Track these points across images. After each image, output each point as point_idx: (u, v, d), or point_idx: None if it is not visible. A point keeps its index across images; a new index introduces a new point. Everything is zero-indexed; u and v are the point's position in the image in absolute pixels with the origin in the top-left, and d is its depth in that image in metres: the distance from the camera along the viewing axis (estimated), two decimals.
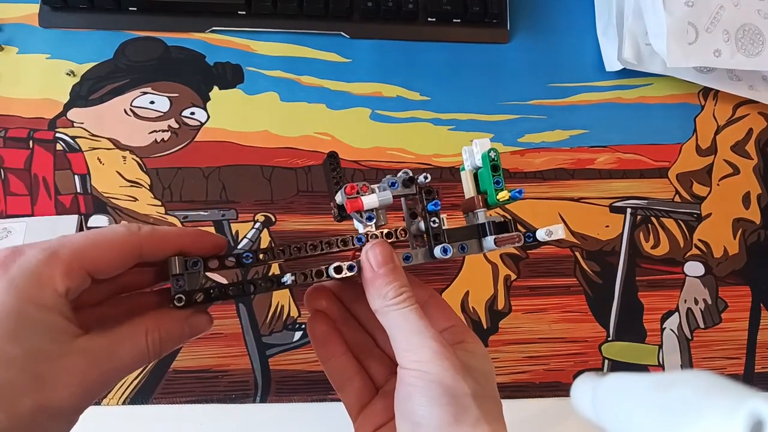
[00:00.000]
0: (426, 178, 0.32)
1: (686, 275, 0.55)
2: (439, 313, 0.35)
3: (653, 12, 0.56)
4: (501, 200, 0.31)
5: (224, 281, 0.49)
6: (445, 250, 0.31)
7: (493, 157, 0.31)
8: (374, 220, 0.31)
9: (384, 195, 0.31)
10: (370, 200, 0.30)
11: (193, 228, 0.31)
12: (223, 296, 0.30)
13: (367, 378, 0.36)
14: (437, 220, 0.31)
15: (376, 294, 0.30)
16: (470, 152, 0.33)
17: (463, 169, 0.34)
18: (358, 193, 0.31)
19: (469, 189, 0.33)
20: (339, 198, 0.32)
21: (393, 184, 0.32)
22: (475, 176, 0.33)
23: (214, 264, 0.31)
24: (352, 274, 0.30)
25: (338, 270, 0.30)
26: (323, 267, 0.30)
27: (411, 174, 0.32)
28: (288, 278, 0.30)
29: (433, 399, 0.27)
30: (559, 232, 0.31)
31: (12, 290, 0.24)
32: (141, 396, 0.46)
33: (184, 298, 0.29)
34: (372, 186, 0.32)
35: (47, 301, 0.25)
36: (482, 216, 0.32)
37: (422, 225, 0.32)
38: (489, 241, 0.31)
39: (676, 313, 0.53)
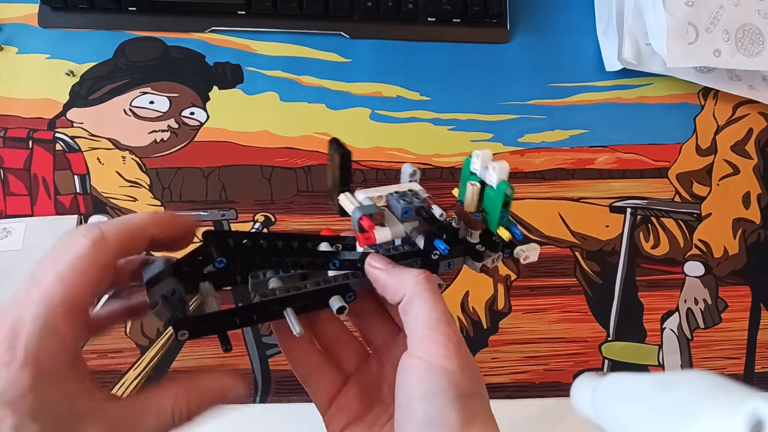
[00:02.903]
0: (442, 216, 0.31)
1: (686, 275, 0.55)
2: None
3: (653, 12, 0.56)
4: (500, 234, 0.31)
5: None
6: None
7: (508, 194, 0.31)
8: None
9: (397, 230, 0.30)
10: (383, 235, 0.30)
11: (158, 213, 0.29)
12: (227, 326, 0.29)
13: (334, 366, 0.34)
14: (437, 255, 0.31)
15: (406, 281, 0.29)
16: (484, 164, 0.32)
17: (473, 177, 0.32)
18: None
19: (472, 202, 0.32)
20: (346, 205, 0.30)
21: (406, 212, 0.30)
22: (481, 191, 0.32)
23: (188, 271, 0.29)
24: (351, 302, 0.31)
25: (341, 310, 0.30)
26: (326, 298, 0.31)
27: (425, 206, 0.31)
28: (290, 313, 0.30)
29: (450, 400, 0.26)
30: (533, 254, 0.32)
31: (28, 368, 0.22)
32: None
33: (187, 333, 0.27)
34: (382, 207, 0.31)
35: (62, 369, 0.23)
36: (476, 237, 0.32)
37: (420, 242, 0.31)
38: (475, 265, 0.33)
39: (676, 313, 0.53)
